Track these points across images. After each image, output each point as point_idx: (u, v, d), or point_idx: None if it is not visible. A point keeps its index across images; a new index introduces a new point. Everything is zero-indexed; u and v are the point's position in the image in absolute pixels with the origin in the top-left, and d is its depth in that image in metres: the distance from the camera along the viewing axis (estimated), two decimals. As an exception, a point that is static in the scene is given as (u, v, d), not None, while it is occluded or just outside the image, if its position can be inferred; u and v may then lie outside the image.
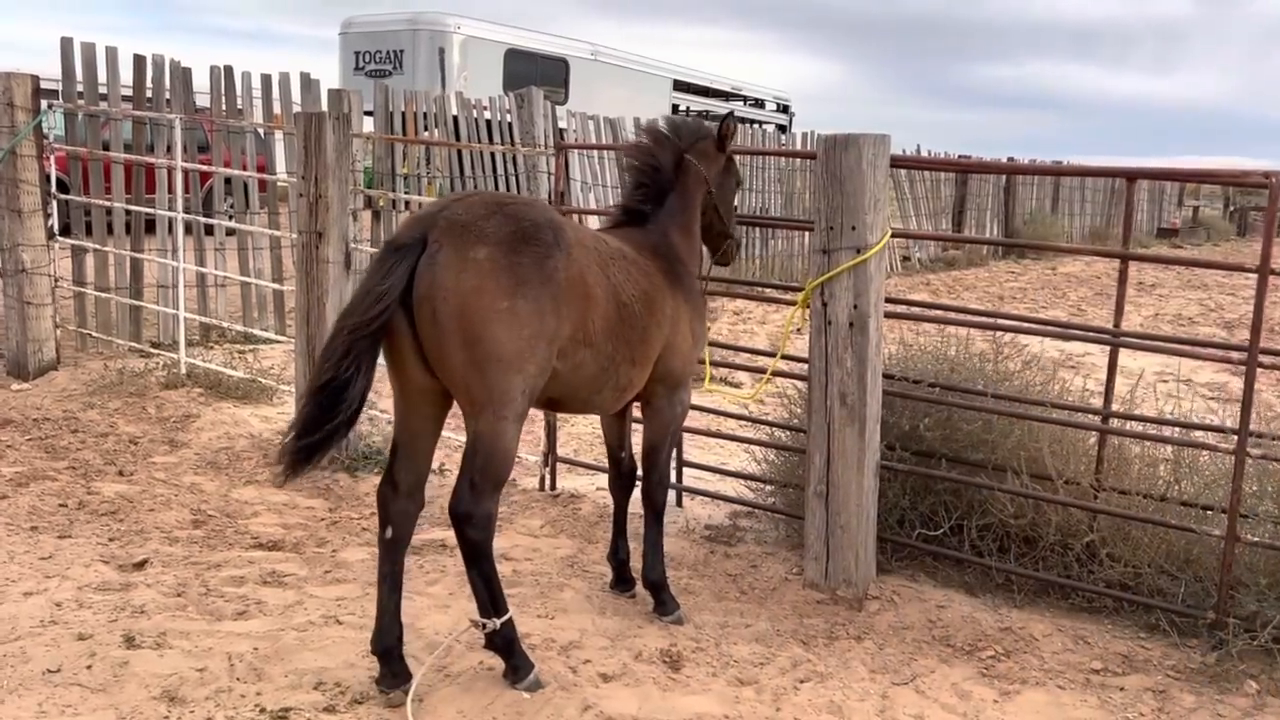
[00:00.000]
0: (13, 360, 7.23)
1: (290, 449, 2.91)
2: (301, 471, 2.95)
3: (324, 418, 2.86)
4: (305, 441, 2.89)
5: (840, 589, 4.06)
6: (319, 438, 2.88)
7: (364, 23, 16.57)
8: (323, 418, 2.86)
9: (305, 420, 2.89)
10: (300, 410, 2.94)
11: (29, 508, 4.74)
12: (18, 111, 6.96)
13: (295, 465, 2.93)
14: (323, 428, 2.87)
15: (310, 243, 5.57)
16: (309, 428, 2.88)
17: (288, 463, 2.93)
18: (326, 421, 2.86)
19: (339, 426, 2.89)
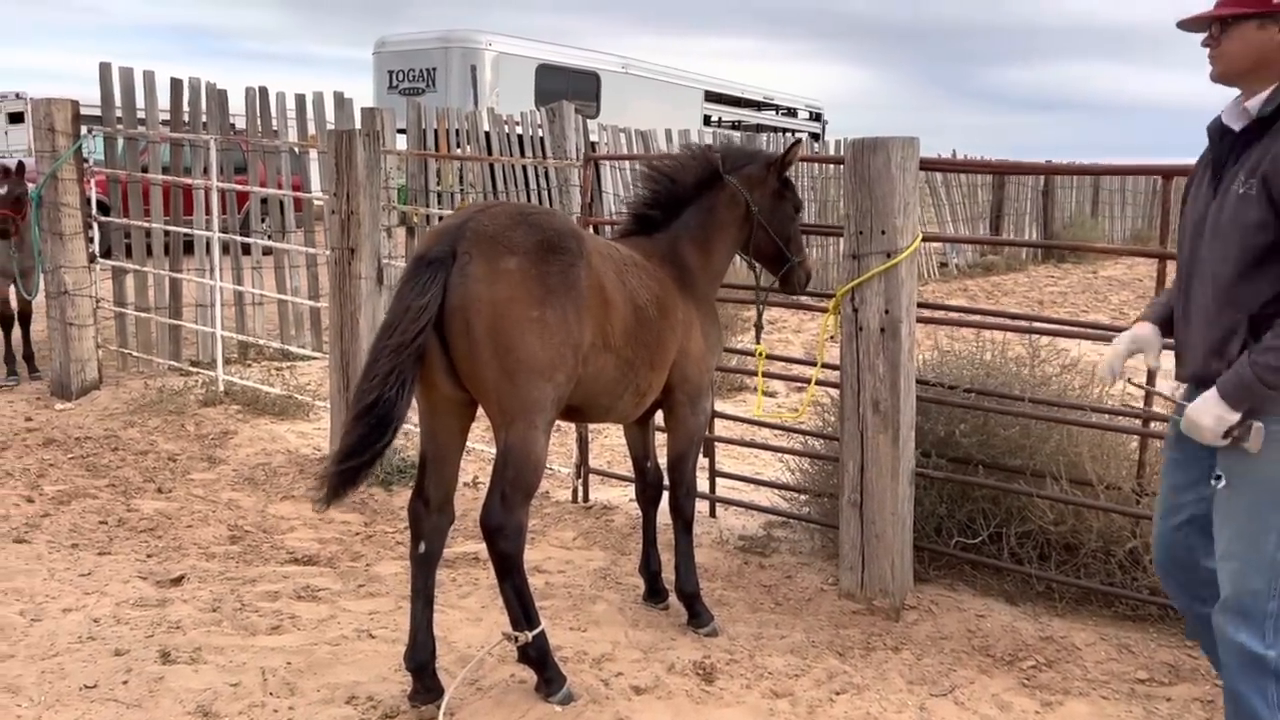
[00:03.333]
0: (56, 380, 7.35)
1: (335, 472, 2.87)
2: (346, 495, 2.93)
3: (372, 438, 2.84)
4: (351, 464, 2.86)
5: (877, 599, 4.00)
6: (366, 459, 2.86)
7: (397, 42, 16.74)
8: (371, 438, 2.84)
9: (354, 443, 2.85)
10: (347, 433, 2.89)
11: (70, 525, 4.80)
12: (58, 136, 7.10)
13: (340, 489, 2.89)
14: (370, 449, 2.85)
15: (343, 259, 5.61)
16: (357, 450, 2.85)
17: (332, 486, 2.89)
18: (375, 442, 2.84)
19: (385, 446, 2.88)
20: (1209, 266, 2.48)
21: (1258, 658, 2.43)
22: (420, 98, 13.23)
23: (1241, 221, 2.39)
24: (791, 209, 3.99)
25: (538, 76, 16.45)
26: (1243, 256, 2.40)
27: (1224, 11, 2.41)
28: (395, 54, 16.65)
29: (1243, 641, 2.44)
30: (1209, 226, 2.49)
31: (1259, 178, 2.35)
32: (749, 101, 22.17)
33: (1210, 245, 2.48)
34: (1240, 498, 2.46)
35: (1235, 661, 2.47)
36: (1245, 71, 2.43)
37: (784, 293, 4.12)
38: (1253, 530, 2.43)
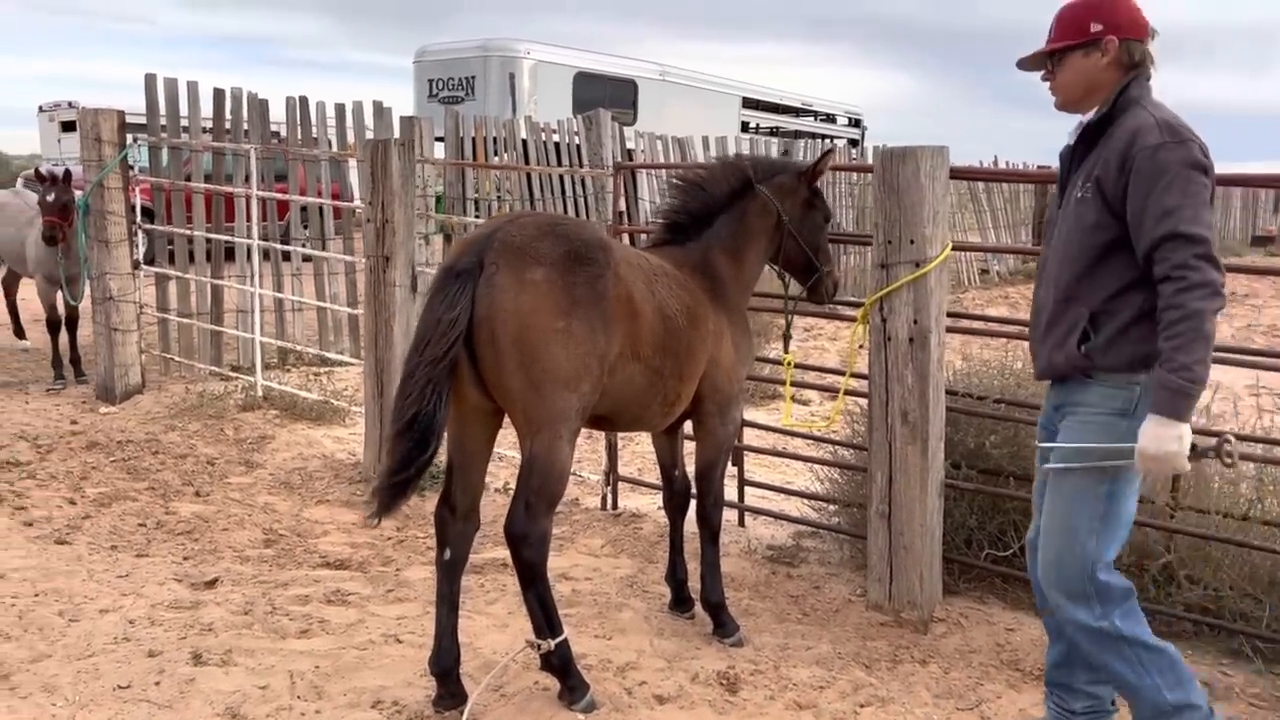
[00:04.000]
0: (101, 385, 7.51)
1: (386, 487, 2.93)
2: (396, 507, 2.99)
3: (416, 452, 2.89)
4: (399, 478, 2.92)
5: (904, 611, 3.97)
6: (413, 473, 2.92)
7: (437, 51, 16.91)
8: (415, 453, 2.89)
9: (400, 458, 2.90)
10: (391, 450, 2.95)
11: (110, 527, 4.90)
12: (105, 146, 7.25)
13: (390, 503, 2.96)
14: (415, 462, 2.90)
15: (377, 266, 5.68)
16: (403, 464, 2.90)
17: (382, 501, 2.95)
18: (419, 455, 2.89)
19: (430, 459, 2.93)
20: (1054, 269, 2.67)
21: (1098, 630, 2.60)
22: (459, 106, 13.35)
23: (1081, 224, 2.58)
24: (821, 218, 3.98)
25: (575, 84, 16.53)
26: (1083, 256, 2.58)
27: (1052, 47, 2.64)
28: (435, 63, 16.81)
29: (1080, 618, 2.61)
30: (1057, 233, 2.70)
31: (1093, 180, 2.55)
32: (787, 108, 22.10)
33: (1055, 250, 2.68)
34: (1064, 484, 2.64)
35: (1083, 638, 2.64)
36: (1081, 97, 2.67)
37: (812, 302, 4.11)
38: (1073, 516, 2.62)
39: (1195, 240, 2.40)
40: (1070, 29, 2.61)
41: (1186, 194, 2.42)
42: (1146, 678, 2.61)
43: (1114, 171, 2.50)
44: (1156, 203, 2.42)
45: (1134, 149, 2.47)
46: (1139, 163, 2.45)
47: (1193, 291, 2.37)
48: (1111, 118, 2.58)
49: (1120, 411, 2.55)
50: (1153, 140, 2.45)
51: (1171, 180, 2.42)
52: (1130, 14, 2.61)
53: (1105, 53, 2.58)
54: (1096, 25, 2.57)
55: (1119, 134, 2.53)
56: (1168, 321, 2.39)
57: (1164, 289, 2.41)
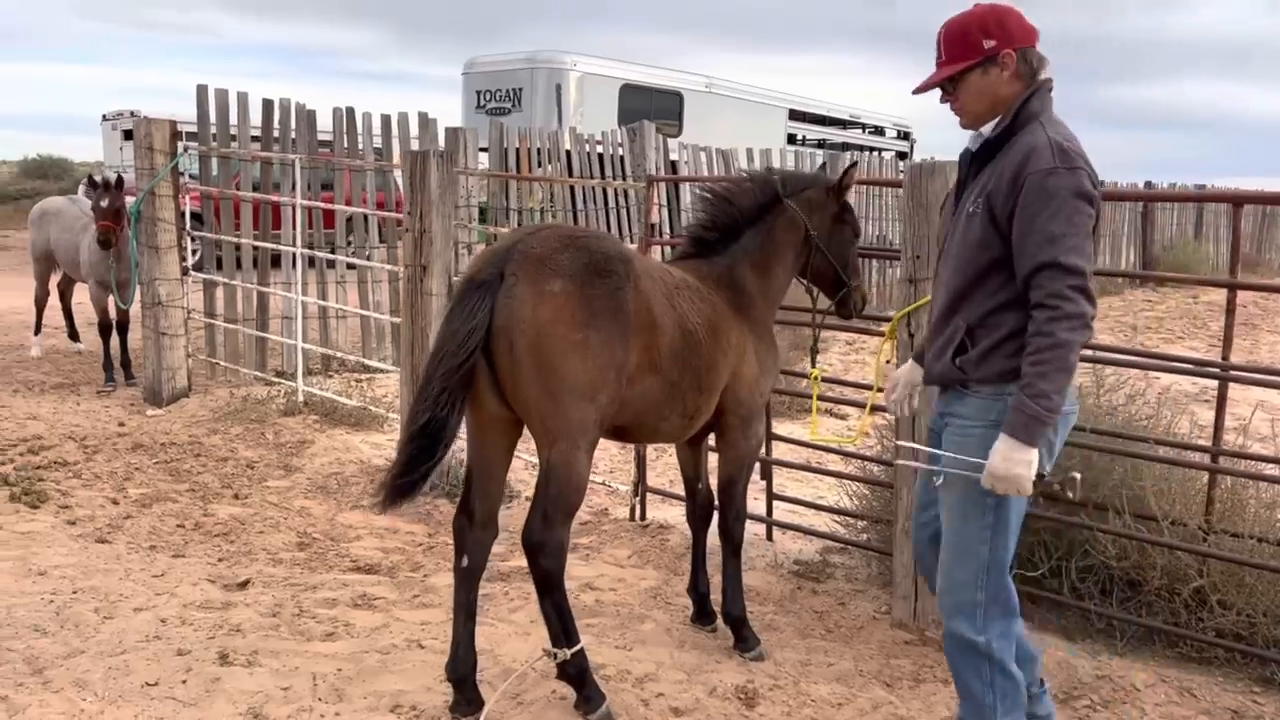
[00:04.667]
0: (149, 388, 7.68)
1: (391, 486, 3.04)
2: (401, 505, 3.10)
3: (424, 458, 2.97)
4: (405, 480, 3.01)
5: (929, 629, 3.93)
6: (419, 475, 3.01)
7: (485, 63, 17.09)
8: (423, 458, 2.98)
9: (407, 461, 3.00)
10: (401, 451, 3.05)
11: (149, 528, 5.01)
12: (156, 154, 7.44)
13: (395, 499, 3.05)
14: (423, 466, 2.98)
15: (415, 276, 5.75)
16: (410, 467, 3.00)
17: (386, 497, 3.06)
18: (427, 460, 2.98)
19: (434, 465, 3.00)
20: (944, 280, 2.71)
21: (972, 644, 2.64)
22: (506, 117, 13.48)
23: (968, 240, 2.59)
24: (850, 233, 3.97)
25: (621, 96, 16.60)
26: (967, 270, 2.60)
27: (949, 72, 2.61)
28: (483, 74, 17.00)
29: (960, 630, 2.65)
30: (949, 244, 2.72)
31: (984, 197, 2.55)
32: (834, 120, 22.00)
33: (946, 261, 2.71)
34: (952, 494, 2.67)
35: (953, 646, 2.69)
36: (985, 113, 2.63)
37: (840, 316, 4.10)
38: (962, 525, 2.64)
39: (1072, 271, 2.40)
40: (964, 49, 2.57)
41: (1071, 223, 2.42)
42: (989, 697, 2.67)
43: (1005, 191, 2.50)
44: (1041, 228, 2.42)
45: (1026, 170, 2.47)
46: (1029, 185, 2.45)
47: (1063, 322, 2.39)
48: (1012, 131, 2.57)
49: (995, 423, 2.54)
50: (1045, 164, 2.45)
51: (1058, 208, 2.42)
52: (1019, 21, 2.59)
53: (1004, 67, 2.56)
54: (990, 41, 2.53)
55: (1014, 152, 2.52)
56: (1036, 347, 2.41)
57: (1037, 315, 2.43)
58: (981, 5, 2.61)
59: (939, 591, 2.74)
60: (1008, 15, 2.57)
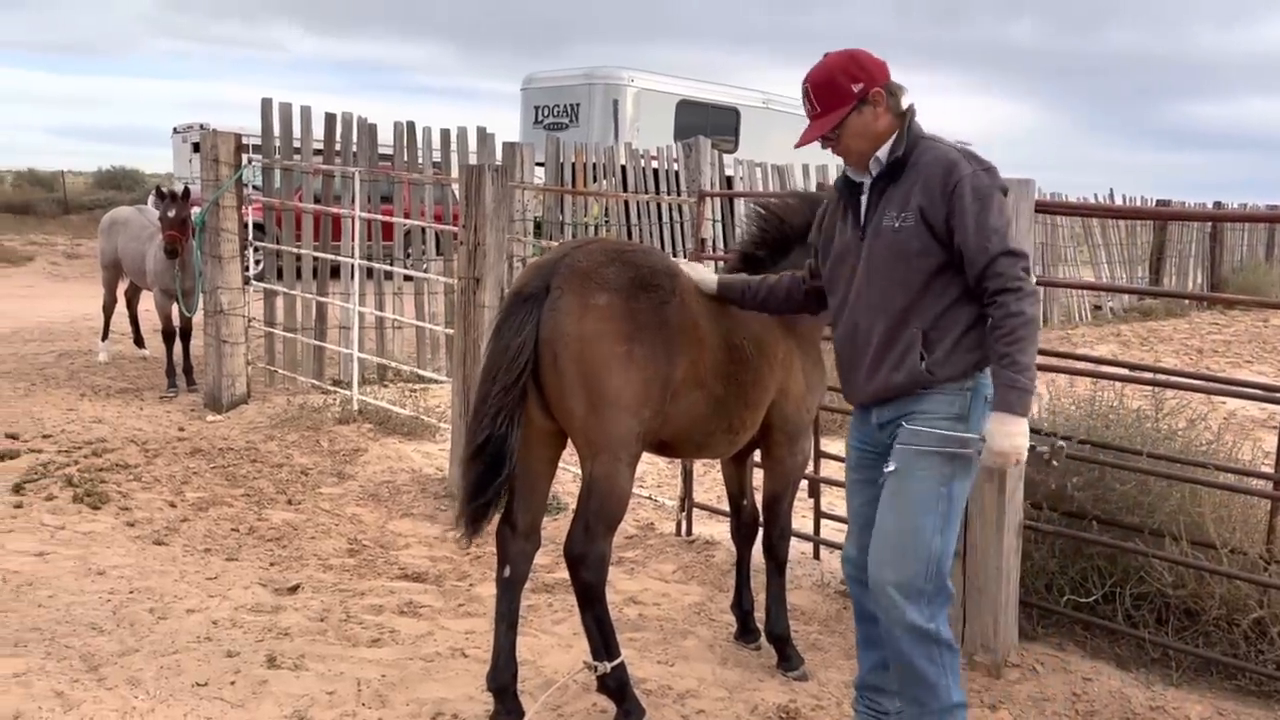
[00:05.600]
0: (209, 394, 7.86)
1: (468, 513, 3.08)
2: (481, 529, 3.14)
3: (491, 475, 3.01)
4: (479, 502, 3.06)
5: (977, 654, 3.86)
6: (490, 496, 3.05)
7: (543, 78, 17.26)
8: (490, 475, 3.02)
9: (475, 482, 3.04)
10: (466, 472, 3.08)
11: (205, 531, 5.12)
12: (221, 166, 7.63)
13: (475, 524, 3.11)
14: (492, 485, 3.03)
15: (469, 288, 5.82)
16: (480, 488, 3.04)
17: (468, 524, 3.11)
18: (494, 478, 3.01)
19: (505, 480, 3.04)
20: (877, 303, 2.80)
21: (925, 632, 2.77)
22: (563, 133, 13.58)
23: (906, 252, 2.72)
24: None
25: (678, 112, 16.64)
26: (912, 280, 2.74)
27: (832, 121, 2.76)
28: (541, 90, 17.16)
29: (912, 619, 2.76)
30: (866, 269, 2.83)
31: (914, 210, 2.70)
32: (893, 137, 21.82)
33: (872, 284, 2.81)
34: (906, 492, 2.78)
35: (906, 635, 2.78)
36: (868, 149, 2.81)
37: None
38: (918, 521, 2.76)
39: (1021, 254, 2.64)
40: (836, 98, 2.73)
41: (1004, 215, 2.67)
42: (943, 678, 2.83)
43: (938, 200, 2.67)
44: (986, 224, 2.62)
45: (953, 178, 2.65)
46: (961, 190, 2.64)
47: (1029, 298, 2.61)
48: (909, 151, 2.75)
49: (957, 416, 2.76)
50: (967, 170, 2.66)
51: (993, 204, 2.64)
52: (872, 60, 2.78)
53: (876, 103, 2.73)
54: (857, 84, 2.70)
55: (928, 167, 2.70)
56: (1010, 328, 2.59)
57: (1003, 299, 2.61)
58: (834, 54, 2.79)
59: (883, 583, 2.80)
60: (862, 57, 2.77)
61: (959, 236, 2.66)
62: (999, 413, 2.62)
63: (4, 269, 17.54)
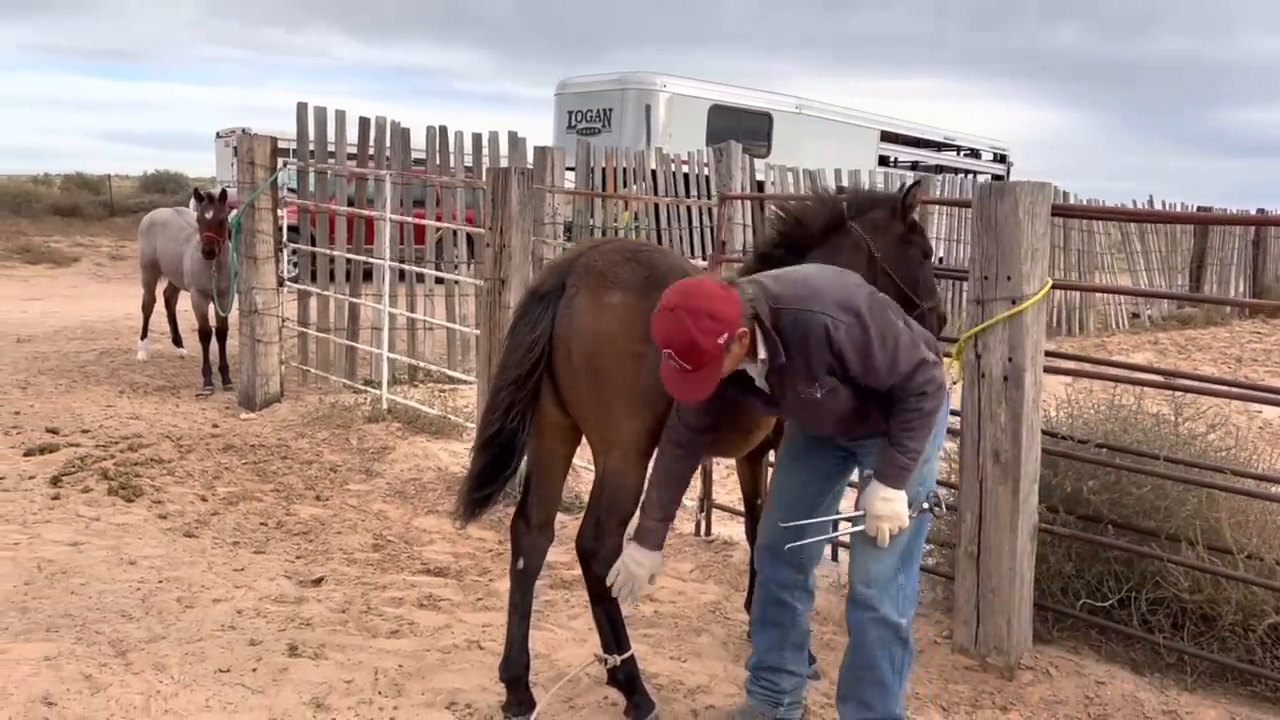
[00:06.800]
0: (243, 392, 8.01)
1: (467, 499, 3.18)
2: (478, 517, 3.25)
3: (498, 467, 3.10)
4: (483, 493, 3.16)
5: (990, 656, 3.87)
6: (496, 486, 3.15)
7: (577, 83, 17.37)
8: (497, 467, 3.10)
9: (481, 471, 3.13)
10: (474, 463, 3.17)
11: (234, 524, 5.23)
12: (257, 169, 7.79)
13: (474, 510, 3.20)
14: (498, 477, 3.12)
15: (494, 289, 5.90)
16: (485, 478, 3.13)
17: (467, 508, 3.20)
18: (501, 470, 3.10)
19: (511, 474, 3.12)
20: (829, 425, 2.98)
21: (893, 625, 2.93)
22: (596, 137, 13.67)
23: (843, 404, 2.85)
24: (919, 254, 3.95)
25: (710, 117, 16.68)
26: (859, 410, 2.88)
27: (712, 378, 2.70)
28: (575, 95, 17.27)
29: (884, 612, 2.91)
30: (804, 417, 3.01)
31: (822, 376, 2.77)
32: (928, 142, 21.70)
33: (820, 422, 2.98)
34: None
35: (874, 630, 2.93)
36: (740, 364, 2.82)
37: None
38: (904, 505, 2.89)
39: (929, 362, 2.79)
40: (706, 356, 2.64)
41: (895, 329, 2.78)
42: (896, 683, 3.00)
43: (833, 362, 2.76)
44: (877, 363, 2.74)
45: (833, 345, 2.73)
46: (842, 350, 2.73)
47: (933, 398, 2.80)
48: (780, 339, 2.77)
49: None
50: (837, 332, 2.72)
51: (871, 343, 2.73)
52: (721, 301, 2.66)
53: (739, 341, 2.70)
54: (721, 337, 2.63)
55: (804, 342, 2.75)
56: (909, 419, 2.79)
57: (913, 400, 2.79)
58: (683, 312, 2.63)
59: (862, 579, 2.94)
60: (714, 306, 2.64)
61: (864, 380, 2.79)
62: (878, 483, 2.84)
63: (51, 269, 17.95)
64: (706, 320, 2.60)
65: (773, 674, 3.29)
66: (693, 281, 2.71)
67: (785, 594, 3.25)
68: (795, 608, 3.26)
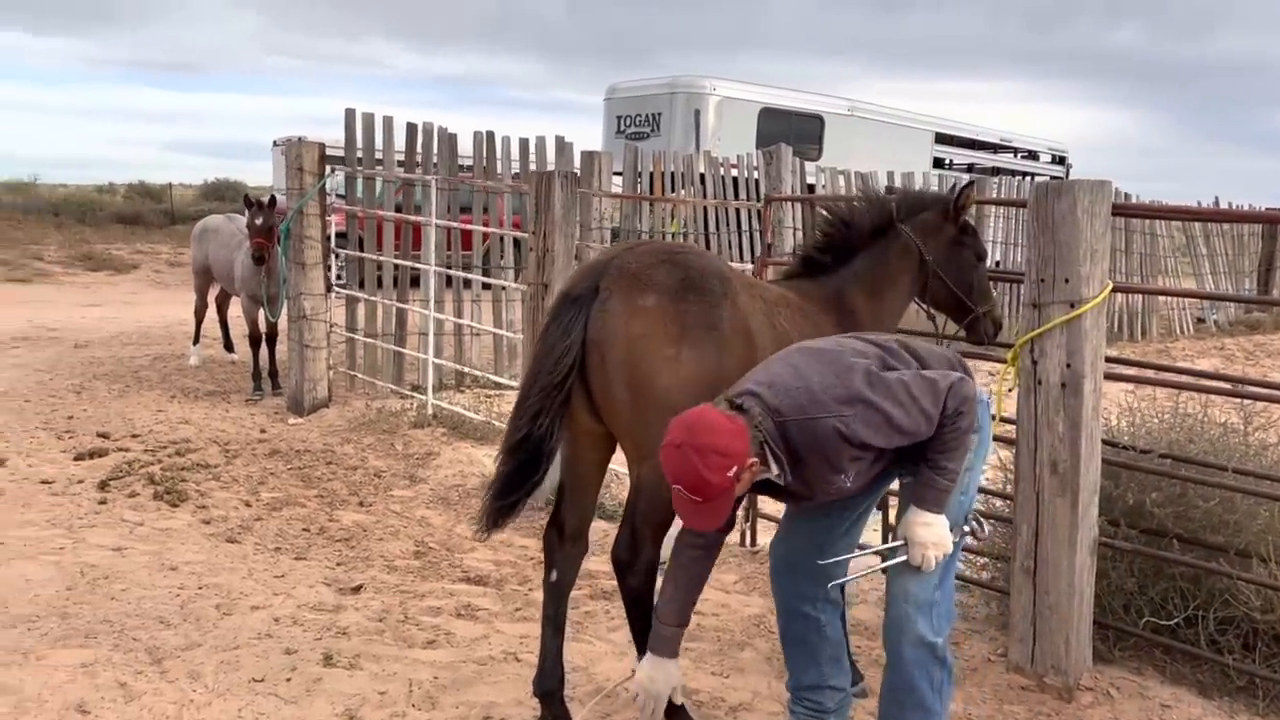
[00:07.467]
0: (291, 397, 8.05)
1: (491, 508, 3.05)
2: (501, 527, 3.10)
3: (524, 475, 2.98)
4: (507, 500, 3.03)
5: (1048, 676, 3.70)
6: (522, 494, 3.02)
7: (626, 88, 17.32)
8: (522, 475, 2.99)
9: (506, 477, 3.02)
10: (499, 469, 3.05)
11: (277, 530, 5.22)
12: (305, 175, 7.82)
13: (496, 521, 3.07)
14: (524, 484, 3.00)
15: (537, 294, 5.83)
16: (510, 486, 3.01)
17: (488, 520, 3.07)
18: (528, 477, 2.99)
19: (537, 483, 3.01)
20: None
21: (929, 644, 2.82)
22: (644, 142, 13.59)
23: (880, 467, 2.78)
24: (973, 256, 3.82)
25: (760, 120, 16.52)
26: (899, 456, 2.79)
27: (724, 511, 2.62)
28: (624, 100, 17.22)
29: (921, 631, 2.80)
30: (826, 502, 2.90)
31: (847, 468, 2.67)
32: (984, 144, 21.32)
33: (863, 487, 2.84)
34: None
35: (911, 650, 2.83)
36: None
37: (970, 342, 3.94)
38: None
39: (952, 384, 2.67)
40: (718, 488, 2.55)
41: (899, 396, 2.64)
42: (937, 704, 2.88)
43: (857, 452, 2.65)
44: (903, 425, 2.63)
45: (852, 441, 2.62)
46: (859, 438, 2.62)
47: (967, 415, 2.70)
48: (788, 450, 2.67)
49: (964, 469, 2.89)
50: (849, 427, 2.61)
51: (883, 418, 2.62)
52: (729, 436, 2.56)
53: (749, 470, 2.60)
54: (730, 471, 2.54)
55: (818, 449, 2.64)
56: (942, 441, 2.69)
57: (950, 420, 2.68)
58: (689, 450, 2.53)
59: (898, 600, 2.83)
60: (720, 443, 2.54)
61: (910, 441, 2.69)
62: (916, 508, 2.74)
63: (111, 276, 18.34)
64: (714, 457, 2.51)
65: (814, 692, 3.14)
66: (697, 415, 2.57)
67: (805, 606, 3.09)
68: (818, 619, 3.09)
